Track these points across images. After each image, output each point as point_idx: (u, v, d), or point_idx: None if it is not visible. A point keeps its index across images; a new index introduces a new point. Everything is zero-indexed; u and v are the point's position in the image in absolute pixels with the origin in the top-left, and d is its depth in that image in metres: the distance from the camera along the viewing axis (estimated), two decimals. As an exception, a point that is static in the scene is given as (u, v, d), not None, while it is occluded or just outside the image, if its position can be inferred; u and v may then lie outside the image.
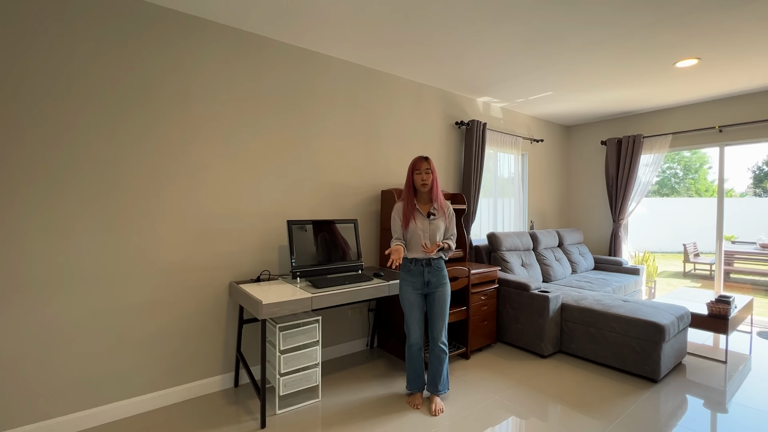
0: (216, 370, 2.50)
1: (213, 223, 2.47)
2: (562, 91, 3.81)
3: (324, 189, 2.98)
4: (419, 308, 2.30)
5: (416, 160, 2.28)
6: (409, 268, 2.30)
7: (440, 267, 2.31)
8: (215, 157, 2.47)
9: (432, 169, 2.27)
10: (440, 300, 2.29)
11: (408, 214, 2.26)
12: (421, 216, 2.28)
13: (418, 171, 2.26)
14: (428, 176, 2.25)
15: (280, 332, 2.21)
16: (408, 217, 2.26)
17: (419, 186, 2.28)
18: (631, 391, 2.54)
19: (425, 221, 2.27)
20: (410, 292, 2.29)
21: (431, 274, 2.28)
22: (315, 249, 2.65)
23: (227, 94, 2.50)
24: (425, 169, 2.26)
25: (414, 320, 2.31)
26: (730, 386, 2.65)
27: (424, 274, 2.27)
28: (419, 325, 2.32)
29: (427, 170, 2.25)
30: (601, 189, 5.08)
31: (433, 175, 2.27)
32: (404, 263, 2.32)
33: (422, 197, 2.33)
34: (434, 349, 2.33)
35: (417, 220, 2.26)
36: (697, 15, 2.34)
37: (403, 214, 2.27)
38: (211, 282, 2.47)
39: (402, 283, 2.33)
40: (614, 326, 2.80)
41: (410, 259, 2.29)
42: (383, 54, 2.94)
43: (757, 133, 3.86)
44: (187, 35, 2.34)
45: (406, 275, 2.31)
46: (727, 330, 2.90)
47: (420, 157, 2.27)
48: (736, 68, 3.21)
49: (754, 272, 6.76)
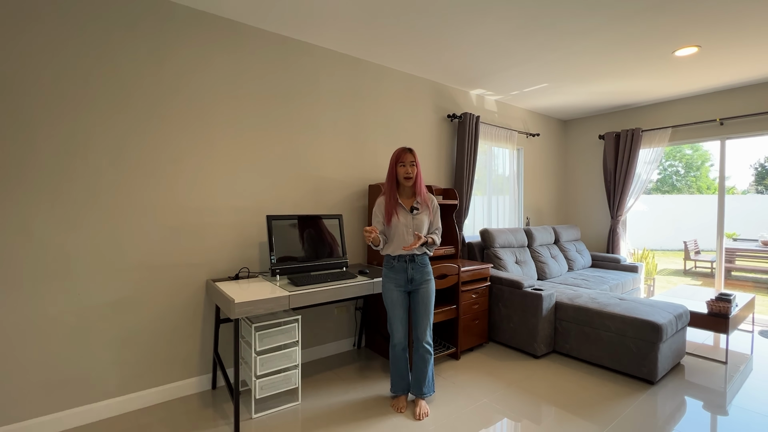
0: (192, 371, 2.39)
1: (188, 218, 2.35)
2: (557, 83, 3.69)
3: (308, 183, 2.86)
4: (402, 306, 2.20)
5: (399, 152, 2.14)
6: (391, 265, 2.19)
7: (424, 263, 2.20)
8: (190, 149, 2.35)
9: (416, 161, 2.14)
10: (424, 297, 2.18)
11: (390, 208, 2.14)
12: (404, 211, 2.16)
13: (402, 163, 2.13)
14: (412, 169, 2.12)
15: (255, 332, 2.10)
16: (390, 211, 2.14)
17: (402, 179, 2.15)
18: (627, 393, 2.43)
19: (408, 216, 2.15)
20: (393, 290, 2.18)
21: (415, 271, 2.17)
22: (296, 245, 2.53)
23: (203, 82, 2.38)
24: (410, 162, 2.12)
25: (397, 319, 2.20)
26: (731, 388, 2.53)
27: (408, 270, 2.16)
28: (403, 323, 2.21)
29: (412, 163, 2.12)
30: (599, 184, 4.96)
31: (417, 167, 2.14)
32: (386, 259, 2.21)
33: (405, 191, 2.21)
34: (418, 349, 2.22)
35: (399, 215, 2.14)
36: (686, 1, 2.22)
37: (385, 209, 2.15)
38: (187, 279, 2.36)
39: (384, 280, 2.21)
40: (609, 325, 2.68)
41: (393, 256, 2.17)
42: (370, 43, 2.82)
43: (759, 126, 3.73)
44: (159, 20, 2.22)
45: (388, 272, 2.20)
46: (728, 329, 2.78)
47: (403, 148, 2.14)
48: (737, 57, 3.08)
49: (755, 270, 6.63)
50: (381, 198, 2.21)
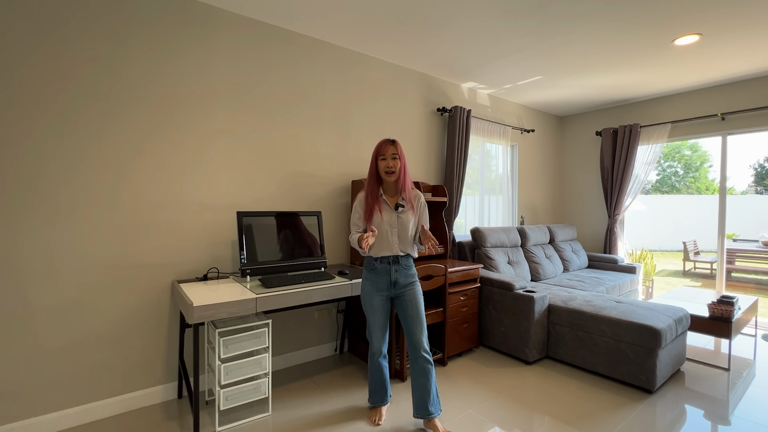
0: (156, 379, 2.23)
1: (152, 215, 2.19)
2: (552, 75, 3.52)
3: (287, 178, 2.70)
4: (383, 313, 2.01)
5: (381, 144, 1.94)
6: (373, 267, 1.99)
7: (409, 265, 2.02)
8: (154, 140, 2.19)
9: (399, 154, 1.93)
10: (413, 301, 1.98)
11: (371, 205, 1.95)
12: (388, 208, 1.97)
13: (383, 156, 1.93)
14: (395, 162, 1.91)
15: (220, 338, 1.93)
16: (371, 208, 1.94)
17: (384, 174, 1.94)
18: (624, 403, 2.27)
19: (392, 214, 1.96)
20: (374, 294, 1.99)
21: (399, 273, 1.98)
22: (271, 244, 2.37)
23: (168, 66, 2.21)
24: (391, 155, 1.92)
25: (377, 325, 2.02)
26: (733, 396, 2.38)
27: (391, 273, 1.97)
28: (383, 331, 2.03)
29: (394, 155, 1.92)
30: (596, 182, 4.80)
31: (401, 161, 1.93)
32: (367, 261, 2.02)
33: (389, 187, 2.00)
34: (417, 361, 1.95)
35: (383, 212, 1.95)
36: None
37: (366, 206, 1.95)
38: (151, 280, 2.19)
39: (365, 283, 2.02)
40: (605, 330, 2.52)
41: (375, 258, 1.98)
42: (353, 31, 2.66)
43: (762, 121, 3.57)
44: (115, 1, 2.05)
45: (369, 274, 2.01)
46: (731, 334, 2.62)
47: (385, 140, 1.94)
48: (740, 48, 2.92)
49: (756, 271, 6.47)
50: (361, 193, 2.01)
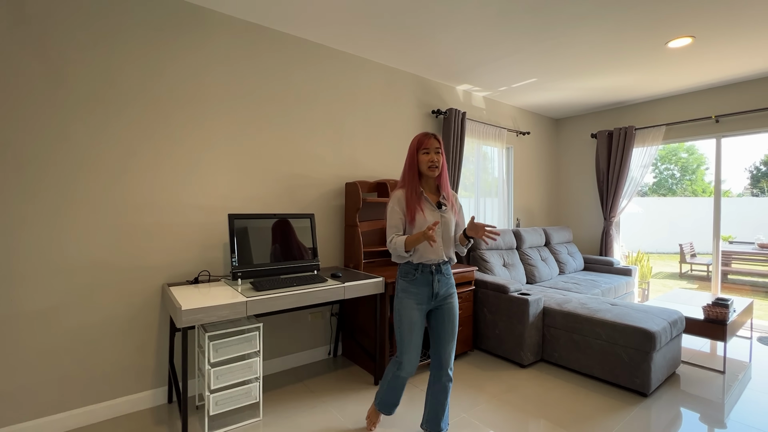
0: (146, 384, 2.20)
1: (143, 217, 2.16)
2: (546, 77, 3.53)
3: (280, 180, 2.68)
4: (422, 329, 1.79)
5: (422, 137, 1.76)
6: (413, 277, 1.76)
7: (449, 273, 1.83)
8: (146, 142, 2.17)
9: (442, 149, 1.78)
10: (451, 315, 1.80)
11: (414, 204, 1.74)
12: (431, 207, 1.77)
13: (426, 150, 1.74)
14: (438, 157, 1.74)
15: (209, 342, 1.91)
16: (414, 208, 1.73)
17: (425, 169, 1.75)
18: (619, 406, 2.25)
19: (436, 214, 1.77)
20: (413, 309, 1.75)
21: (441, 283, 1.77)
22: (263, 247, 2.35)
23: (161, 69, 2.20)
24: (435, 148, 1.74)
25: (413, 345, 1.77)
26: (729, 399, 2.36)
27: (433, 283, 1.75)
28: (418, 350, 1.80)
29: (438, 150, 1.75)
30: (591, 185, 4.80)
31: (442, 155, 1.78)
32: (405, 270, 1.78)
33: (427, 184, 1.82)
34: (440, 379, 1.82)
35: (426, 212, 1.75)
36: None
37: (408, 205, 1.74)
38: (140, 284, 2.17)
39: (401, 296, 1.78)
40: (600, 333, 2.51)
41: (415, 265, 1.76)
42: (346, 34, 2.65)
43: (756, 123, 3.58)
44: (107, 2, 2.04)
45: (409, 286, 1.76)
46: (726, 336, 2.61)
47: (426, 133, 1.77)
48: (733, 50, 2.93)
49: (752, 273, 6.48)
50: (399, 191, 1.79)
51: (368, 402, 2.29)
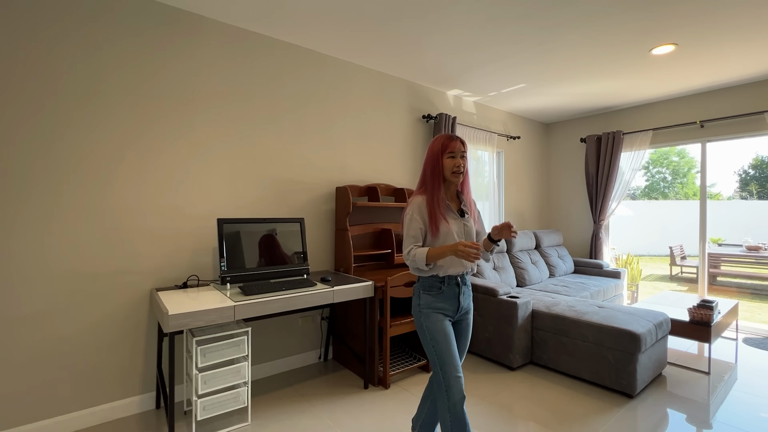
0: (133, 390, 2.19)
1: (132, 222, 2.16)
2: (535, 83, 3.58)
3: (269, 185, 2.69)
4: (455, 341, 1.65)
5: (447, 140, 1.61)
6: (439, 290, 1.60)
7: (470, 284, 1.72)
8: (135, 147, 2.17)
9: (466, 153, 1.66)
10: (467, 331, 1.71)
11: (437, 212, 1.58)
12: (453, 215, 1.63)
13: (452, 153, 1.60)
14: (464, 162, 1.62)
15: (197, 346, 1.91)
16: (438, 216, 1.58)
17: (449, 175, 1.61)
18: (606, 408, 2.28)
19: (459, 222, 1.63)
20: (443, 320, 1.59)
21: (465, 296, 1.65)
22: (252, 251, 2.35)
23: (150, 74, 2.21)
24: (461, 152, 1.61)
25: (456, 360, 1.54)
26: (714, 400, 2.40)
27: (459, 296, 1.62)
28: (459, 365, 1.57)
29: (463, 154, 1.62)
30: (581, 188, 4.86)
31: (467, 160, 1.66)
32: (429, 283, 1.61)
33: (450, 190, 1.68)
34: None
35: (450, 221, 1.61)
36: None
37: (430, 213, 1.58)
38: (129, 288, 2.16)
39: (427, 312, 1.60)
40: (587, 335, 2.54)
41: (441, 278, 1.60)
42: (337, 40, 2.68)
43: (739, 128, 3.66)
44: (98, 6, 2.05)
45: (434, 301, 1.60)
46: (710, 338, 2.65)
47: (449, 135, 1.62)
48: (715, 57, 3.00)
49: (740, 275, 6.58)
50: (419, 198, 1.62)
51: (359, 405, 2.29)
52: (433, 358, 1.56)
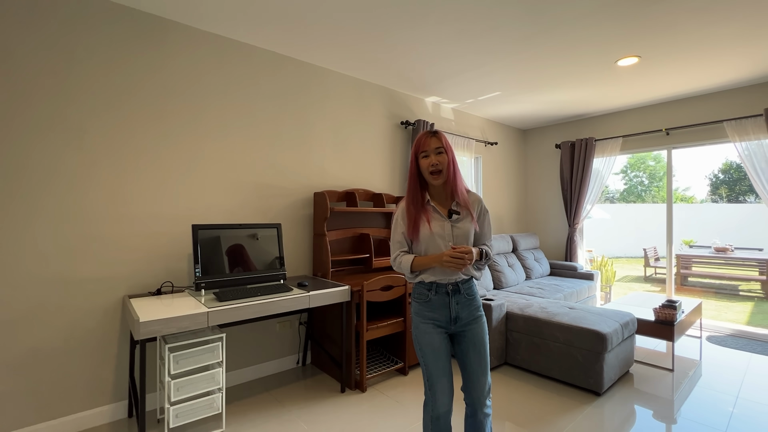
0: (105, 399, 2.16)
1: (104, 228, 2.14)
2: (510, 91, 3.69)
3: (246, 190, 2.70)
4: (447, 354, 1.51)
5: (420, 138, 1.52)
6: (426, 298, 1.52)
7: (472, 293, 1.56)
8: (108, 152, 2.16)
9: (445, 146, 1.51)
10: (477, 341, 1.53)
11: (416, 215, 1.52)
12: (439, 217, 1.53)
13: (425, 153, 1.51)
14: (440, 158, 1.49)
15: (170, 353, 1.90)
16: (417, 219, 1.51)
17: (428, 174, 1.51)
18: (574, 405, 2.36)
19: (445, 224, 1.52)
20: (433, 332, 1.50)
21: (461, 306, 1.52)
22: (228, 257, 2.36)
23: (122, 79, 2.20)
24: (434, 149, 1.49)
25: (441, 373, 1.48)
26: (678, 396, 2.51)
27: (451, 306, 1.51)
28: (450, 380, 1.50)
29: (438, 149, 1.50)
30: (557, 193, 5.00)
31: (448, 154, 1.51)
32: (417, 290, 1.56)
33: (437, 192, 1.57)
34: (476, 415, 1.53)
35: (432, 223, 1.52)
36: (623, 7, 2.23)
37: (408, 215, 1.53)
38: (100, 296, 2.14)
39: (416, 320, 1.54)
40: (558, 336, 2.62)
41: (428, 284, 1.53)
42: (314, 46, 2.72)
43: (702, 136, 3.85)
44: (71, 13, 2.04)
45: (423, 309, 1.53)
46: (674, 336, 2.78)
47: (425, 132, 1.53)
48: (676, 69, 3.16)
49: (710, 275, 6.86)
50: (403, 202, 1.60)
51: (335, 409, 2.31)
52: (422, 368, 1.53)
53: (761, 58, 2.96)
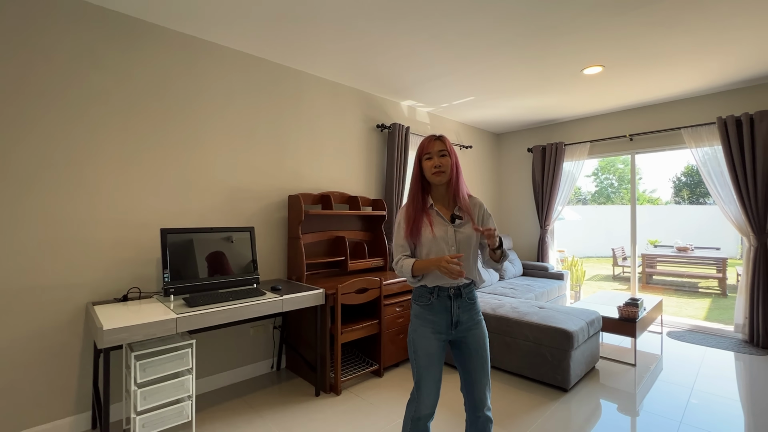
0: (68, 410, 2.07)
1: (63, 232, 2.06)
2: (483, 96, 3.78)
3: (218, 193, 2.65)
4: (440, 361, 1.52)
5: (425, 141, 1.54)
6: (427, 301, 1.52)
7: (473, 298, 1.56)
8: (65, 153, 2.08)
9: (449, 150, 1.52)
10: (478, 347, 1.53)
11: (417, 218, 1.53)
12: (441, 220, 1.53)
13: (428, 155, 1.52)
14: (444, 161, 1.51)
15: (136, 362, 1.85)
16: (418, 222, 1.52)
17: (431, 176, 1.53)
18: (542, 402, 2.44)
19: (448, 228, 1.52)
20: (430, 338, 1.50)
21: (462, 310, 1.52)
22: (198, 262, 2.31)
23: (85, 78, 2.13)
24: (438, 151, 1.51)
25: (431, 379, 1.50)
26: (641, 389, 2.63)
27: (452, 310, 1.51)
28: (438, 387, 1.52)
29: (442, 152, 1.51)
30: (529, 196, 5.15)
31: (451, 158, 1.52)
32: (418, 294, 1.55)
33: (440, 195, 1.58)
34: (476, 422, 1.54)
35: (435, 227, 1.52)
36: (587, 19, 2.34)
37: (407, 219, 1.54)
38: (62, 304, 2.06)
39: (416, 323, 1.54)
40: (527, 335, 2.70)
41: (431, 288, 1.52)
42: (289, 49, 2.71)
43: (662, 142, 4.06)
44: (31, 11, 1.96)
45: (423, 312, 1.53)
46: (635, 332, 2.91)
47: (431, 136, 1.54)
48: (637, 78, 3.32)
49: (672, 274, 7.22)
50: (405, 205, 1.61)
51: (308, 413, 2.31)
52: (413, 369, 1.54)
53: (711, 70, 3.16)
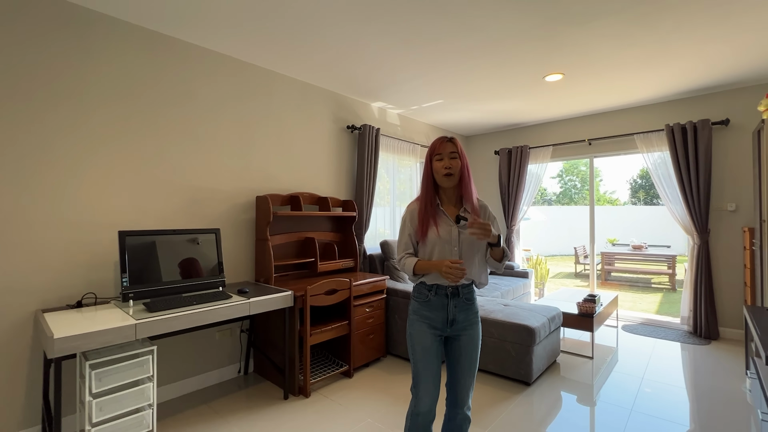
0: (14, 425, 1.94)
1: (11, 234, 1.93)
2: (451, 100, 3.87)
3: (182, 195, 2.57)
4: (438, 356, 1.54)
5: (436, 142, 1.57)
6: (426, 298, 1.56)
7: (471, 298, 1.59)
8: (13, 149, 1.95)
9: (460, 152, 1.55)
10: (469, 347, 1.56)
11: (426, 217, 1.55)
12: (447, 221, 1.56)
13: (439, 156, 1.55)
14: (454, 162, 1.54)
15: (91, 371, 1.76)
16: (426, 221, 1.55)
17: (440, 177, 1.56)
18: (506, 396, 2.53)
19: (452, 229, 1.54)
20: (427, 333, 1.54)
21: (459, 309, 1.55)
22: (161, 265, 2.23)
23: (35, 71, 2.00)
24: (449, 153, 1.54)
25: (429, 373, 1.52)
26: (598, 381, 2.78)
27: (449, 308, 1.54)
28: (436, 382, 1.53)
29: (453, 154, 1.54)
30: (496, 196, 5.31)
31: (462, 160, 1.55)
32: (418, 290, 1.59)
33: (447, 196, 1.61)
34: (455, 418, 1.60)
35: (440, 227, 1.55)
36: (548, 28, 2.45)
37: (419, 217, 1.57)
38: (6, 311, 1.92)
39: (414, 318, 1.58)
40: (493, 332, 2.80)
41: (429, 286, 1.56)
42: (258, 48, 2.66)
43: (618, 147, 4.30)
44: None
45: (421, 308, 1.56)
46: (593, 327, 3.08)
47: (442, 137, 1.57)
48: (594, 85, 3.51)
49: (629, 270, 7.66)
50: (413, 204, 1.63)
51: (277, 417, 2.28)
52: (411, 366, 1.57)
53: (659, 81, 3.39)
